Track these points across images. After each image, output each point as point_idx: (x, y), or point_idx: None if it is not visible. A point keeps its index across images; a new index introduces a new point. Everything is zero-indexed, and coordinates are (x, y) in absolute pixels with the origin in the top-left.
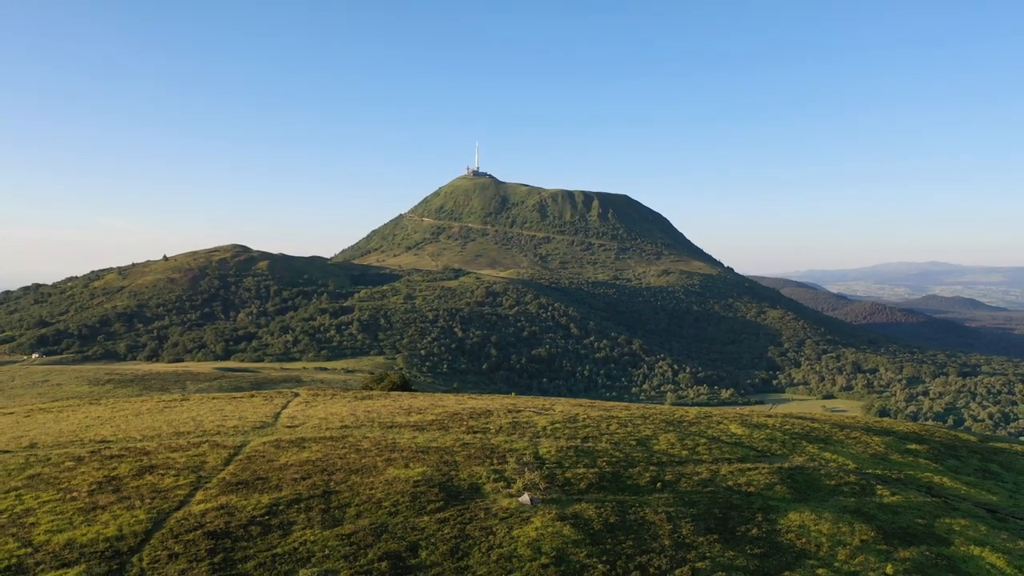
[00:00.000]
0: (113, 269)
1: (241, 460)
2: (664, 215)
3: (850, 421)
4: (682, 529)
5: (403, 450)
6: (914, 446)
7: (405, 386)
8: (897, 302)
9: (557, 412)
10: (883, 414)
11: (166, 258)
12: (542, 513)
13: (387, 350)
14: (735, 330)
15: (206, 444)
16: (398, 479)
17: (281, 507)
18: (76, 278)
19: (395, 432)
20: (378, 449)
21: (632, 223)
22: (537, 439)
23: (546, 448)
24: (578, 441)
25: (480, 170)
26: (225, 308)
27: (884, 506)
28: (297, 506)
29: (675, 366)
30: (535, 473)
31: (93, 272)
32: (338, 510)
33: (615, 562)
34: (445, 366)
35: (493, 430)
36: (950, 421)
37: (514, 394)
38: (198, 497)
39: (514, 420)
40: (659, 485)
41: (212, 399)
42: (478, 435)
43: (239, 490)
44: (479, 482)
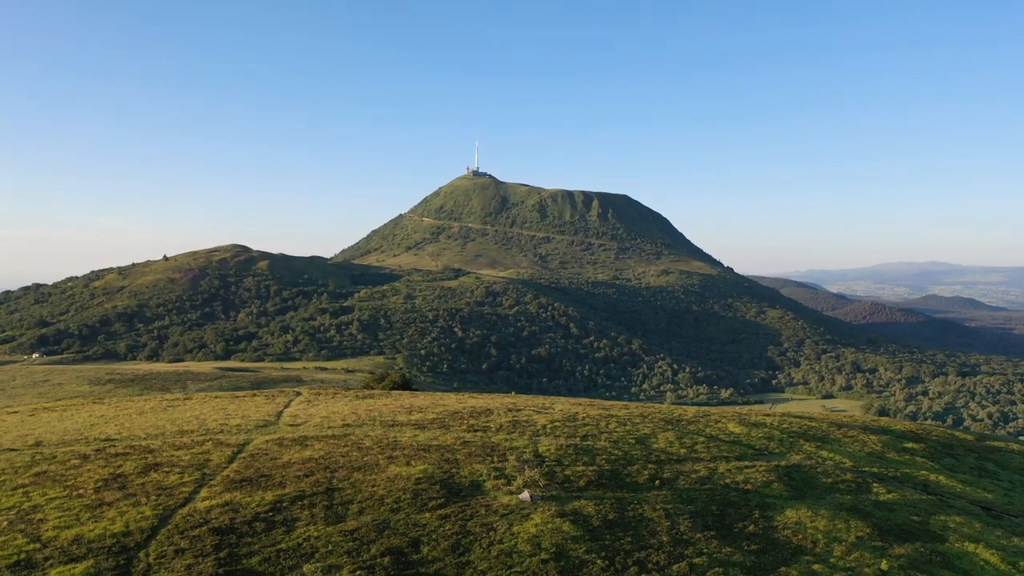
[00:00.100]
0: (113, 269)
1: (245, 458)
2: (664, 215)
3: (848, 420)
4: (680, 526)
5: (405, 448)
6: (911, 444)
7: (406, 385)
8: (897, 302)
9: (557, 411)
10: (882, 414)
11: (166, 258)
12: (542, 510)
13: (387, 350)
14: (735, 330)
15: (210, 442)
16: (400, 476)
17: (285, 504)
18: (76, 278)
19: (397, 430)
20: (380, 447)
21: (632, 223)
22: (537, 437)
23: (546, 446)
24: (577, 439)
25: (480, 170)
26: (225, 308)
27: (880, 503)
28: (300, 503)
29: (675, 366)
30: (535, 471)
31: (93, 272)
32: (341, 507)
33: (614, 558)
34: (445, 366)
35: (493, 428)
36: (949, 421)
37: (514, 393)
38: (203, 494)
39: (514, 419)
40: (657, 483)
41: (215, 398)
42: (479, 433)
43: (243, 487)
44: (480, 479)
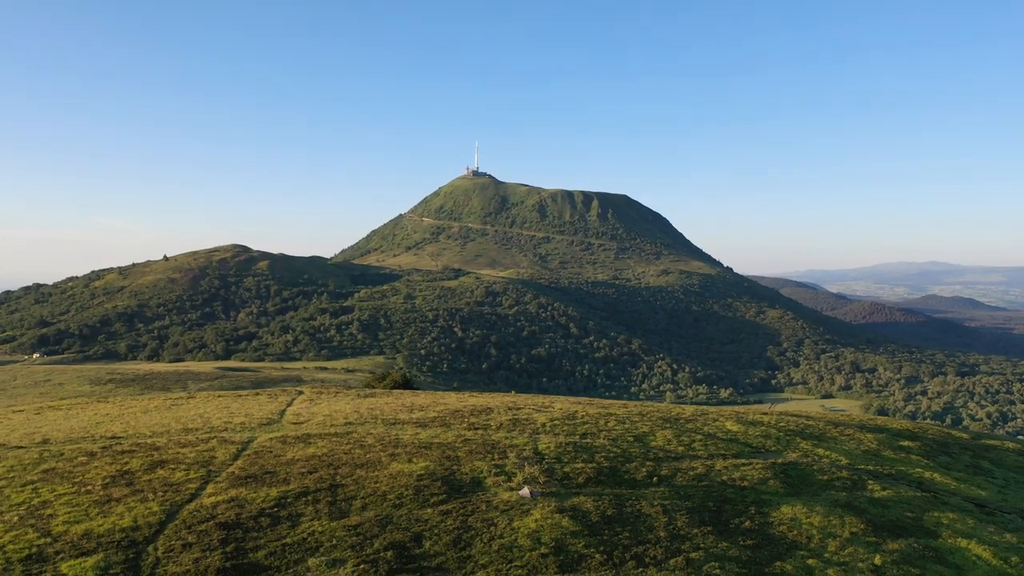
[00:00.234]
0: (113, 269)
1: (249, 455)
2: (664, 215)
3: (844, 419)
4: (677, 521)
5: (406, 446)
6: (907, 443)
7: (407, 384)
8: (896, 302)
9: (556, 410)
10: (881, 413)
11: (166, 258)
12: (541, 506)
13: (387, 350)
14: (734, 330)
15: (214, 440)
16: (402, 473)
17: (289, 500)
18: (77, 278)
19: (398, 428)
20: (382, 445)
21: (631, 223)
22: (537, 435)
23: (545, 444)
24: (577, 437)
25: (480, 170)
26: (225, 308)
27: (874, 500)
28: (305, 499)
29: (674, 366)
30: (535, 468)
31: (93, 272)
32: (344, 502)
33: (612, 552)
34: (445, 366)
35: (494, 427)
36: (948, 420)
37: (514, 393)
38: (209, 490)
39: (514, 417)
40: (655, 479)
41: (218, 397)
42: (479, 431)
43: (248, 483)
44: (480, 476)
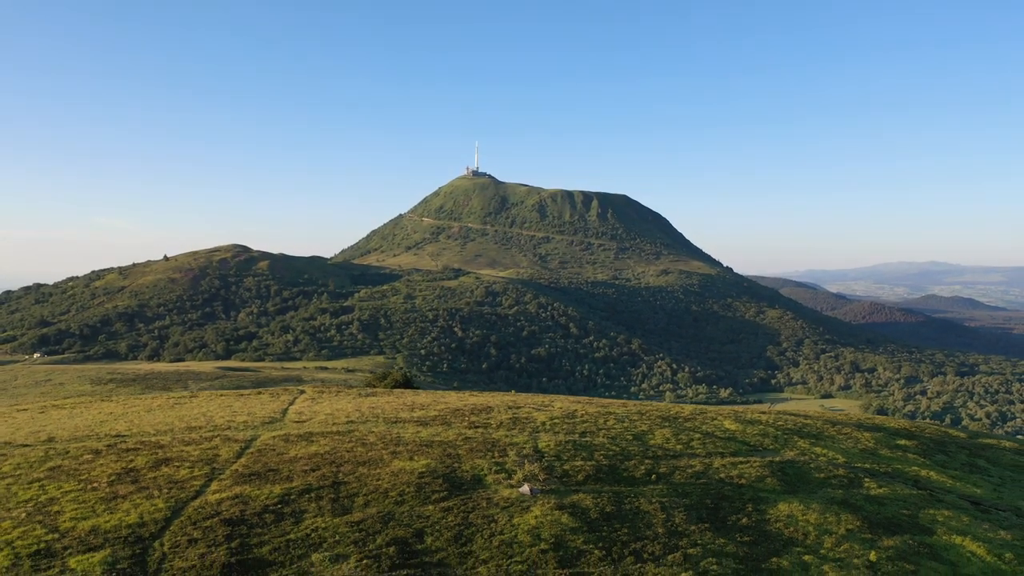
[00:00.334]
0: (114, 269)
1: (252, 453)
2: (664, 215)
3: (842, 418)
4: (675, 518)
5: (408, 444)
6: (903, 442)
7: (408, 384)
8: (896, 302)
9: (556, 408)
10: (880, 413)
11: (167, 258)
12: (541, 503)
13: (387, 350)
14: (734, 330)
15: (218, 438)
16: (403, 471)
17: (293, 496)
18: (77, 278)
19: (399, 427)
20: (384, 443)
21: (631, 223)
22: (536, 434)
23: (545, 442)
24: (576, 436)
25: (480, 170)
26: (226, 308)
27: (871, 498)
28: (308, 495)
29: (674, 365)
30: (535, 465)
31: (94, 272)
32: (347, 499)
33: (611, 548)
34: (445, 365)
35: (494, 425)
36: (947, 420)
37: (514, 392)
38: (213, 487)
39: (514, 416)
40: (654, 477)
41: (220, 396)
42: (480, 430)
43: (252, 481)
44: (481, 474)
